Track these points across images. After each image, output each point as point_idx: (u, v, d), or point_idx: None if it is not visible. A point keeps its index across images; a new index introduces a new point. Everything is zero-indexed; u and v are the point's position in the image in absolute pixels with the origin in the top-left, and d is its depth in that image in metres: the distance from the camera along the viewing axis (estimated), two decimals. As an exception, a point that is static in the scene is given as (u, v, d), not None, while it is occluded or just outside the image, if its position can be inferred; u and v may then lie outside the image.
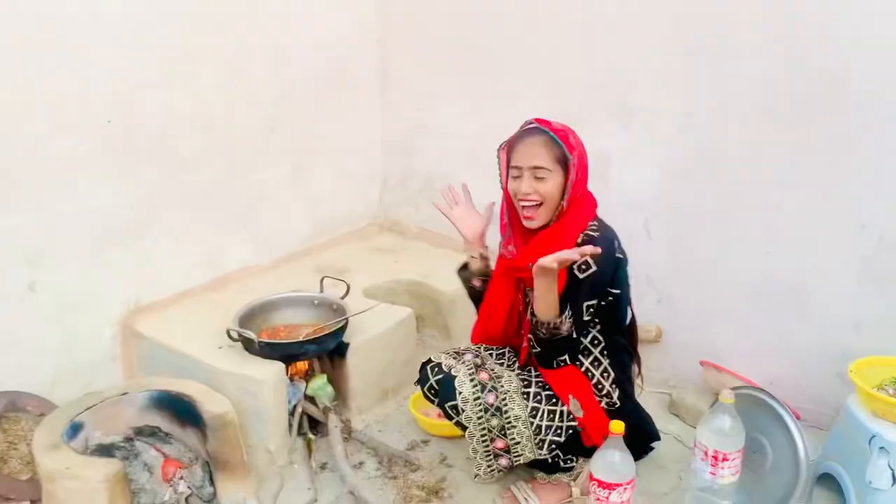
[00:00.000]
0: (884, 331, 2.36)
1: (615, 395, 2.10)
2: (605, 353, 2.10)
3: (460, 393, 2.04)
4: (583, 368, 2.09)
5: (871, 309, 2.38)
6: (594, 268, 1.95)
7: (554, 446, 2.04)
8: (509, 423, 2.02)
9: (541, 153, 2.02)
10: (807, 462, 2.02)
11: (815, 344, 2.50)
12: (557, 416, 2.03)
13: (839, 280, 2.42)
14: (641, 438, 2.19)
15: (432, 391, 2.16)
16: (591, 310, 1.98)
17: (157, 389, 2.25)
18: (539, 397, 2.05)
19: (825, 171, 2.37)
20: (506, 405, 2.03)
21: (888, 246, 2.31)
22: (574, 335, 1.98)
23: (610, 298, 2.02)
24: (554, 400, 2.05)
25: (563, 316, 1.94)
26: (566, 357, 2.05)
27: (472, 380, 2.06)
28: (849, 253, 2.38)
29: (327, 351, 2.50)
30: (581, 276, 1.95)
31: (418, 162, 3.42)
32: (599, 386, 2.08)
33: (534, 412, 2.02)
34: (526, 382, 2.08)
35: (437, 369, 2.15)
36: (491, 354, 2.25)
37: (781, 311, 2.55)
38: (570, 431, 2.03)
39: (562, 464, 2.12)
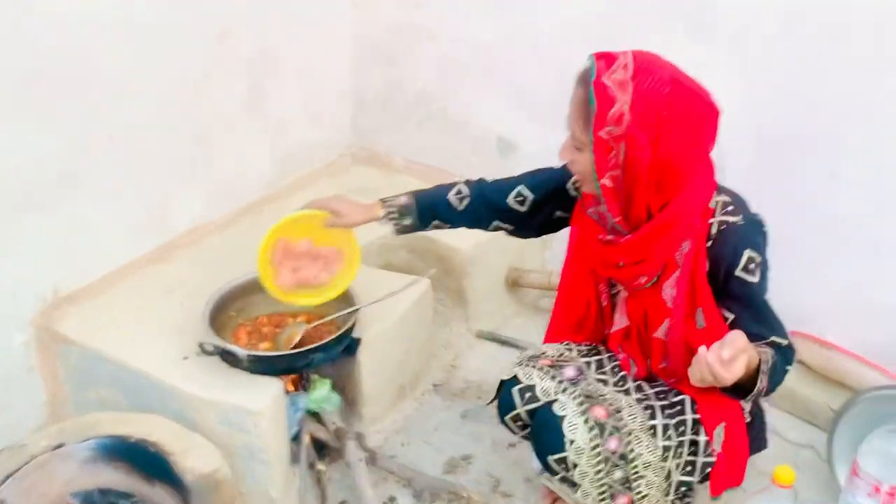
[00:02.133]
0: None
1: (747, 407, 1.58)
2: None
3: (572, 442, 1.45)
4: None
5: None
6: (759, 258, 1.42)
7: (685, 488, 1.51)
8: (636, 473, 1.46)
9: (576, 114, 1.39)
10: None
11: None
12: (687, 449, 1.50)
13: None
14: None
15: (519, 423, 1.57)
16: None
17: (108, 435, 1.58)
18: (668, 430, 1.50)
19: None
20: (631, 450, 1.46)
21: None
22: (788, 342, 1.46)
23: None
24: (682, 428, 1.51)
25: (762, 350, 1.38)
26: None
27: (586, 420, 1.47)
28: None
29: (337, 355, 1.85)
30: (755, 279, 1.42)
31: (405, 75, 2.68)
32: None
33: (665, 452, 1.47)
34: (649, 411, 1.52)
35: (528, 394, 1.54)
36: (588, 363, 1.64)
37: (893, 265, 2.06)
38: (707, 470, 1.50)
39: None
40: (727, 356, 1.21)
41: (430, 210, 1.72)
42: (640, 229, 1.42)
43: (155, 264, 2.13)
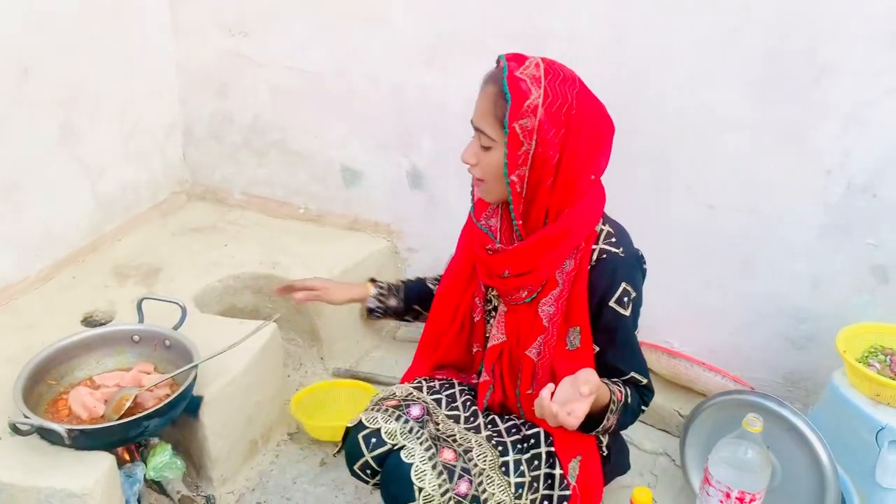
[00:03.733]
0: (845, 289, 2.05)
1: (605, 440, 1.58)
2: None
3: (421, 490, 1.37)
4: None
5: (833, 264, 2.05)
6: (634, 293, 1.43)
7: (540, 524, 1.48)
8: (490, 515, 1.42)
9: (487, 110, 1.38)
10: (834, 472, 1.66)
11: (763, 305, 2.14)
12: (542, 483, 1.47)
13: (796, 233, 2.05)
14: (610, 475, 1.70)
15: (369, 471, 1.48)
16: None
17: None
18: (520, 466, 1.46)
19: (786, 109, 1.94)
20: (483, 490, 1.41)
21: (857, 193, 1.97)
22: (646, 382, 1.48)
23: None
24: (536, 462, 1.48)
25: (617, 388, 1.38)
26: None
27: (434, 465, 1.41)
28: (810, 202, 2.01)
29: (175, 418, 1.69)
30: (626, 312, 1.42)
31: (236, 105, 2.55)
32: None
33: (518, 490, 1.44)
34: (501, 447, 1.48)
35: (374, 440, 1.46)
36: (439, 401, 1.58)
37: (724, 271, 2.15)
38: (564, 503, 1.48)
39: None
40: (587, 392, 1.20)
41: (415, 293, 1.77)
42: (530, 236, 1.41)
43: (-43, 334, 1.90)
